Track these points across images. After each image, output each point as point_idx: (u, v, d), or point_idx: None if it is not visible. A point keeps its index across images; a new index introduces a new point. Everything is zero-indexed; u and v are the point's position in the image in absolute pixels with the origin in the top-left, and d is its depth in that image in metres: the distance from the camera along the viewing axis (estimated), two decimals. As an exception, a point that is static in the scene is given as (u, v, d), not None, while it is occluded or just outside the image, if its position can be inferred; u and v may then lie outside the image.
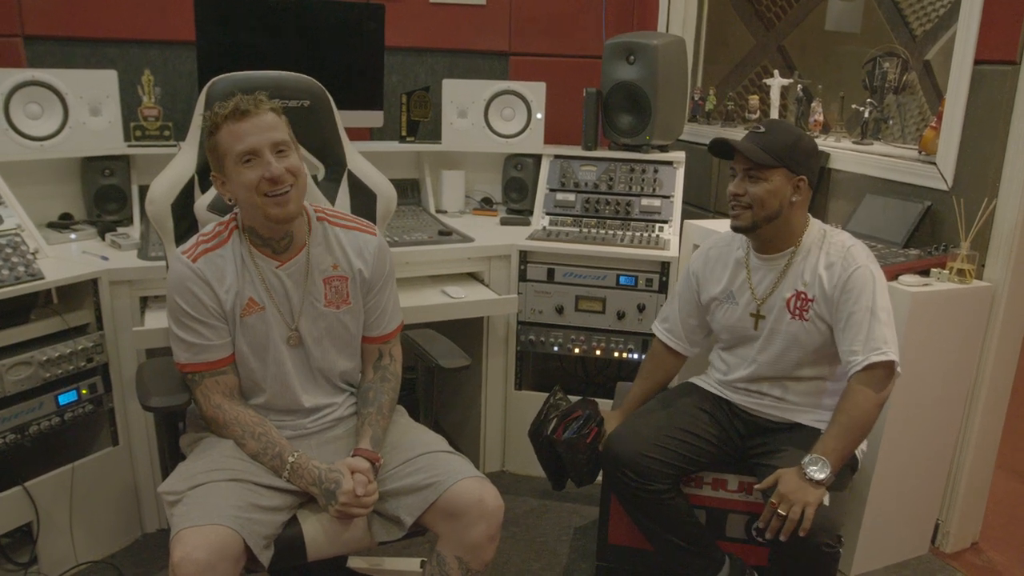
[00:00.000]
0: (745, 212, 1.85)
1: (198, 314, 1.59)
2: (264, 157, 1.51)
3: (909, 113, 2.92)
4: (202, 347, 1.61)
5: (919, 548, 2.43)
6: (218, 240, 1.62)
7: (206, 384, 1.63)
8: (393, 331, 1.82)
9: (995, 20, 2.16)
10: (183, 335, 1.60)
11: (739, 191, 1.85)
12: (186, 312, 1.59)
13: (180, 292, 1.59)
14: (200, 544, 1.36)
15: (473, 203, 3.18)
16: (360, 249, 1.71)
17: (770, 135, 1.84)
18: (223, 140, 1.53)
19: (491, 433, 2.84)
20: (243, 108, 1.51)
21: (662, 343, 2.16)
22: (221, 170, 1.57)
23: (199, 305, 1.59)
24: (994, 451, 2.45)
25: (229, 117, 1.51)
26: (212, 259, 1.60)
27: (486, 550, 1.57)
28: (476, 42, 3.32)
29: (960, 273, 2.19)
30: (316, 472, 1.56)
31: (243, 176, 1.52)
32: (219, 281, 1.59)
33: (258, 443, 1.59)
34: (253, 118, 1.52)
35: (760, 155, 1.81)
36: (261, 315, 1.63)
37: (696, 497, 2.04)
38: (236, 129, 1.51)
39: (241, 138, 1.51)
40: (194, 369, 1.62)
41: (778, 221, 1.86)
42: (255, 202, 1.53)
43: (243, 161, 1.52)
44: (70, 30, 2.72)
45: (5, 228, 2.12)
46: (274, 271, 1.63)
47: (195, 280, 1.58)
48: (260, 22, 2.67)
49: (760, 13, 3.57)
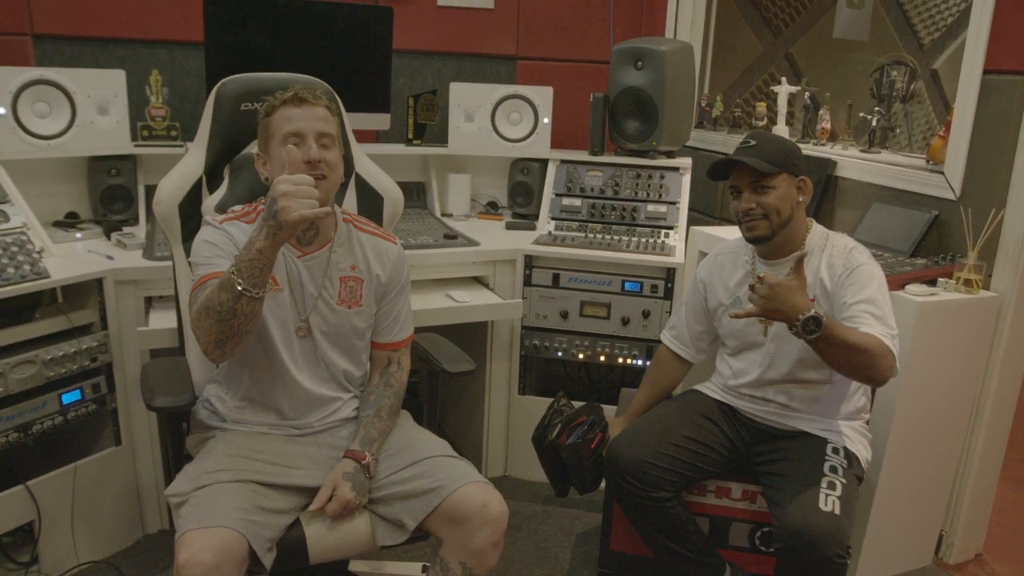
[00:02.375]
0: (762, 222, 1.86)
1: (218, 243, 1.60)
2: (307, 142, 1.58)
3: (916, 122, 2.92)
4: (218, 265, 1.56)
5: (923, 559, 2.42)
6: (248, 217, 1.66)
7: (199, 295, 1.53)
8: (404, 340, 1.83)
9: (1005, 30, 2.16)
10: (207, 259, 1.58)
11: (750, 205, 1.86)
12: (216, 247, 1.59)
13: (212, 238, 1.61)
14: (206, 546, 1.36)
15: (479, 207, 3.18)
16: (381, 255, 1.75)
17: (762, 146, 1.86)
18: (275, 120, 1.61)
19: (494, 438, 2.84)
20: (301, 96, 1.61)
21: (668, 349, 2.16)
22: (266, 150, 1.64)
23: (230, 243, 1.59)
24: (999, 462, 2.44)
25: (287, 102, 1.60)
26: (242, 227, 1.63)
27: (490, 556, 1.57)
28: (484, 46, 3.32)
29: (967, 283, 2.18)
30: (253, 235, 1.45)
31: (283, 155, 1.56)
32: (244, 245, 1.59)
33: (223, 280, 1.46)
34: (307, 107, 1.60)
35: (763, 164, 1.83)
36: (279, 296, 1.64)
37: (699, 505, 2.03)
38: (290, 113, 1.60)
39: (292, 120, 1.59)
40: (207, 278, 1.53)
41: (789, 224, 1.88)
42: None
43: (288, 143, 1.57)
44: (79, 29, 2.72)
45: (11, 226, 2.12)
46: (295, 260, 1.65)
47: (217, 235, 1.61)
48: (268, 24, 2.68)
49: (768, 20, 3.57)
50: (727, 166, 1.89)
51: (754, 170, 1.84)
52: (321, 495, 1.57)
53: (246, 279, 1.41)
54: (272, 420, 1.70)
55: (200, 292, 1.51)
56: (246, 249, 1.43)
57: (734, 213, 1.92)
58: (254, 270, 1.41)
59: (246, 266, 1.41)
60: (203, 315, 1.46)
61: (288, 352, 1.67)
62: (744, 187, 1.87)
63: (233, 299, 1.42)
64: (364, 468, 1.62)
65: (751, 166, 1.83)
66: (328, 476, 1.61)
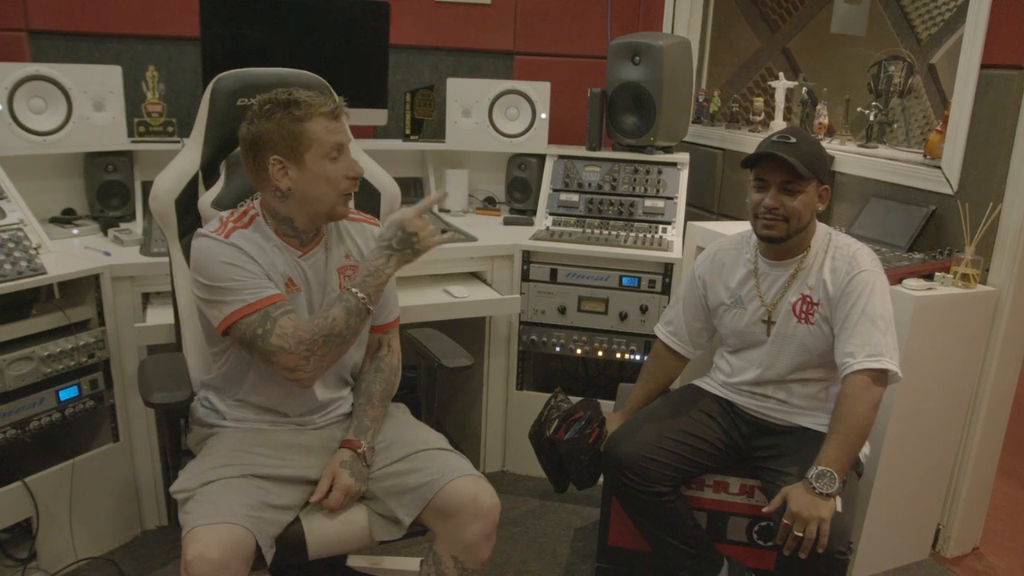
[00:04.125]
0: (781, 224, 1.83)
1: (243, 264, 1.54)
2: (348, 156, 1.61)
3: (913, 117, 2.92)
4: (259, 286, 1.54)
5: (920, 553, 2.43)
6: (243, 222, 1.62)
7: (281, 324, 1.52)
8: (392, 322, 1.84)
9: (1002, 24, 2.16)
10: (231, 281, 1.52)
11: (775, 204, 1.81)
12: (229, 265, 1.53)
13: (219, 254, 1.54)
14: (214, 543, 1.36)
15: (476, 202, 3.18)
16: (368, 239, 1.76)
17: (801, 145, 1.80)
18: (316, 130, 1.55)
19: (492, 433, 2.84)
20: (339, 111, 1.60)
21: (665, 345, 2.16)
22: (294, 157, 1.55)
23: (245, 258, 1.55)
24: (996, 456, 2.44)
25: (327, 113, 1.57)
26: (244, 236, 1.59)
27: (482, 549, 1.57)
28: (481, 41, 3.31)
29: (964, 278, 2.18)
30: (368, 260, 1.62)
31: (327, 169, 1.57)
32: (259, 255, 1.58)
33: (333, 310, 1.56)
34: (342, 121, 1.62)
35: (803, 168, 1.77)
36: (297, 297, 1.64)
37: (697, 500, 2.03)
38: (332, 126, 1.58)
39: (336, 133, 1.58)
40: (263, 305, 1.52)
41: (804, 230, 1.86)
42: (330, 197, 1.58)
43: (330, 156, 1.57)
44: (74, 25, 2.71)
45: (8, 223, 2.11)
46: (296, 261, 1.65)
47: (231, 252, 1.54)
48: (265, 19, 2.67)
49: (765, 15, 3.56)
50: (766, 156, 1.81)
51: (788, 168, 1.78)
52: (321, 486, 1.57)
53: (373, 300, 1.59)
54: (272, 418, 1.70)
55: (285, 319, 1.51)
56: (373, 276, 1.58)
57: (752, 206, 1.86)
58: (378, 291, 1.60)
59: (374, 290, 1.58)
60: (325, 343, 1.54)
61: None
62: (773, 183, 1.81)
63: (362, 321, 1.59)
64: (361, 457, 1.62)
65: (787, 164, 1.77)
66: (325, 467, 1.61)
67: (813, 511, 1.64)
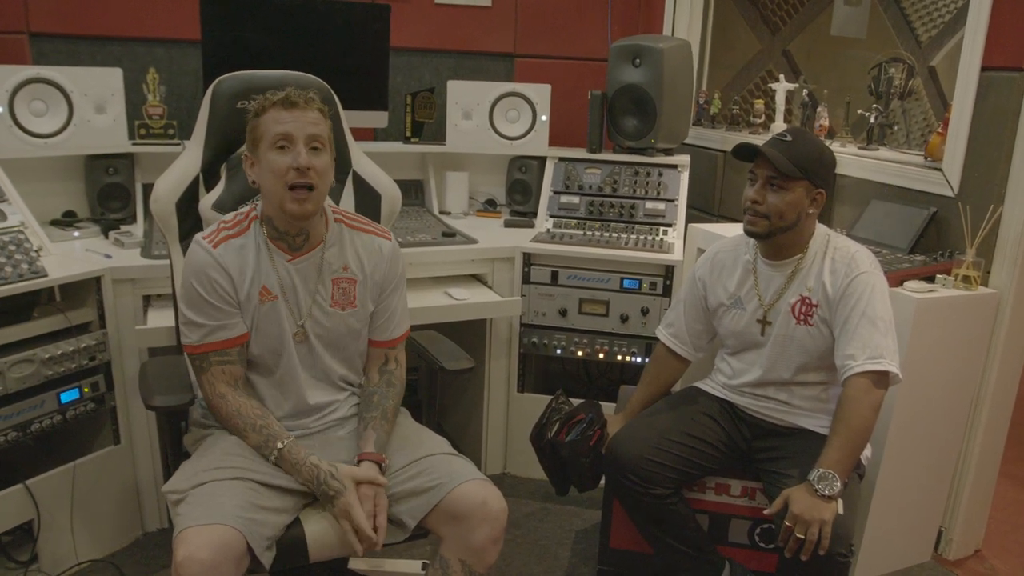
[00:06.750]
0: (761, 220, 1.84)
1: (212, 298, 1.59)
2: (297, 146, 1.55)
3: (914, 119, 2.92)
4: (212, 328, 1.60)
5: (922, 555, 2.43)
6: (239, 228, 1.64)
7: (212, 372, 1.62)
8: (400, 336, 1.82)
9: (1002, 26, 2.16)
10: (194, 316, 1.60)
11: (758, 199, 1.83)
12: (200, 296, 1.59)
13: (198, 276, 1.59)
14: (204, 544, 1.36)
15: (477, 205, 3.18)
16: (374, 252, 1.72)
17: (796, 145, 1.81)
18: (264, 122, 1.57)
19: (493, 435, 2.84)
20: (293, 99, 1.56)
21: (666, 347, 2.16)
22: (255, 152, 1.60)
23: (214, 291, 1.59)
24: (998, 458, 2.44)
25: (278, 104, 1.56)
26: (232, 246, 1.61)
27: (489, 553, 1.57)
28: (481, 43, 3.31)
29: (965, 280, 2.18)
30: (313, 472, 1.54)
31: (272, 161, 1.55)
32: (238, 269, 1.61)
33: (259, 435, 1.59)
34: (299, 111, 1.56)
35: (787, 166, 1.79)
36: (274, 304, 1.64)
37: (699, 502, 2.03)
38: (280, 115, 1.56)
39: (281, 122, 1.55)
40: (204, 350, 1.61)
41: (791, 230, 1.86)
42: (278, 191, 1.55)
43: (276, 146, 1.55)
44: (75, 27, 2.71)
45: (8, 225, 2.11)
46: (285, 265, 1.64)
47: (214, 266, 1.59)
48: (265, 21, 2.67)
49: (766, 17, 3.56)
50: (751, 152, 1.84)
51: (775, 166, 1.80)
52: (362, 527, 1.52)
53: (284, 467, 1.57)
54: None
55: (217, 370, 1.62)
56: (297, 467, 1.55)
57: (743, 199, 1.88)
58: (290, 469, 1.56)
59: (288, 467, 1.56)
60: (227, 423, 1.62)
61: (287, 359, 1.67)
62: (761, 177, 1.83)
63: (261, 452, 1.59)
64: (383, 470, 1.61)
65: (776, 159, 1.79)
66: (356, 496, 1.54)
67: (815, 513, 1.64)
